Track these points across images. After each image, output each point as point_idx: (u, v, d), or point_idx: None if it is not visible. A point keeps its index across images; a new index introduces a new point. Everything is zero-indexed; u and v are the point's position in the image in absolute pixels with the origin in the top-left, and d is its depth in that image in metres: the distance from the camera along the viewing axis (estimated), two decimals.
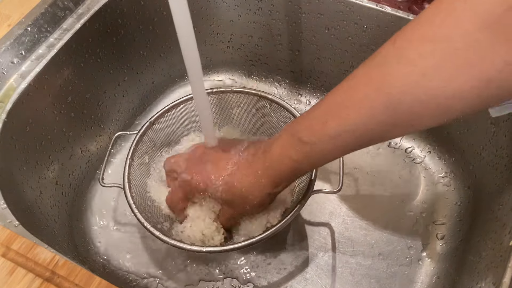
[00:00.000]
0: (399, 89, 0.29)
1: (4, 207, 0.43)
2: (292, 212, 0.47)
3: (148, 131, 0.55)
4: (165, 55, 0.68)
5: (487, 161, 0.54)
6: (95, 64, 0.59)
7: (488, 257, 0.44)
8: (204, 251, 0.46)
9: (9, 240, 0.39)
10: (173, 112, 0.56)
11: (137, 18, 0.61)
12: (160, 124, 0.56)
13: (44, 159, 0.54)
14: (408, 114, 0.30)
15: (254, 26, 0.66)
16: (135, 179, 0.53)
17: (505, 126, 0.51)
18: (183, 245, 0.46)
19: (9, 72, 0.51)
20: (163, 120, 0.56)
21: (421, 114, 0.30)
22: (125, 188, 0.50)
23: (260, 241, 0.46)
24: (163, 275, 0.55)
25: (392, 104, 0.30)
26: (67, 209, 0.58)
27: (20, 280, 0.36)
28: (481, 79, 0.27)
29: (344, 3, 0.56)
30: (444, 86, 0.28)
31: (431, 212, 0.58)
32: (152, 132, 0.56)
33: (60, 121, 0.56)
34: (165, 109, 0.56)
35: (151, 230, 0.47)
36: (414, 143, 0.64)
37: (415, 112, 0.30)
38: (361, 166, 0.63)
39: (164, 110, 0.56)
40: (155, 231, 0.47)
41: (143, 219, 0.47)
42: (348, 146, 0.35)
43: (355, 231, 0.57)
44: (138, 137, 0.54)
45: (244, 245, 0.46)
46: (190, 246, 0.46)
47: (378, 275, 0.54)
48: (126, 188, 0.50)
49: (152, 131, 0.56)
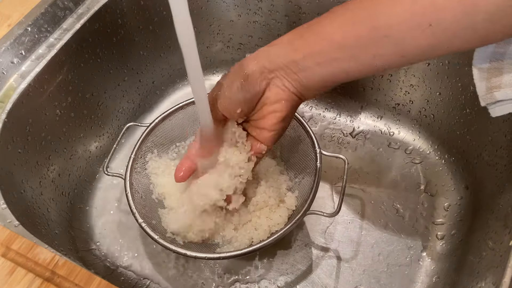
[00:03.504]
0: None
1: (4, 207, 0.43)
2: (283, 231, 0.46)
3: (159, 126, 0.55)
4: (165, 55, 0.68)
5: (487, 161, 0.54)
6: (95, 64, 0.59)
7: (488, 257, 0.44)
8: (206, 257, 0.45)
9: (9, 240, 0.39)
10: (186, 109, 0.56)
11: (137, 18, 0.61)
12: (171, 120, 0.56)
13: (44, 159, 0.54)
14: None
15: (254, 26, 0.66)
16: (139, 171, 0.53)
17: (505, 126, 0.51)
18: (179, 249, 0.45)
19: (9, 72, 0.51)
20: (176, 117, 0.56)
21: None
22: (125, 179, 0.50)
23: (261, 249, 0.45)
24: (163, 275, 0.55)
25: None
26: (67, 209, 0.58)
27: (20, 280, 0.36)
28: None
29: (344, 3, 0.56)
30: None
31: (431, 212, 0.58)
32: (162, 127, 0.56)
33: (60, 121, 0.56)
34: (179, 106, 0.56)
35: (143, 227, 0.47)
36: (414, 143, 0.64)
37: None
38: (361, 166, 0.63)
39: (178, 107, 0.56)
40: (147, 227, 0.47)
41: (138, 215, 0.47)
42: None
43: (355, 231, 0.57)
44: (148, 130, 0.54)
45: (243, 253, 0.45)
46: (186, 251, 0.45)
47: (378, 275, 0.54)
48: (126, 179, 0.50)
49: (163, 126, 0.56)
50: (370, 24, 0.33)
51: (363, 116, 0.67)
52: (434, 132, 0.63)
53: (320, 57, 0.36)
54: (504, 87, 0.37)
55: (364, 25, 0.33)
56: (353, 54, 0.35)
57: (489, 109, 0.38)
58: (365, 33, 0.33)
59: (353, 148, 0.64)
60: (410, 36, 0.31)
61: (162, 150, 0.56)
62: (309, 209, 0.47)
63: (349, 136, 0.66)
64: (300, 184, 0.53)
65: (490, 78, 0.37)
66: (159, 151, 0.56)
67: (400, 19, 0.31)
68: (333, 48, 0.35)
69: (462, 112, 0.58)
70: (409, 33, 0.31)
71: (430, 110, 0.62)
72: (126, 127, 0.56)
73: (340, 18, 0.35)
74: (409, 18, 0.31)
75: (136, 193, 0.51)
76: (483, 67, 0.37)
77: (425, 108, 0.63)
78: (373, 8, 0.33)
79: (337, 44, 0.35)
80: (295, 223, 0.46)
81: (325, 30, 0.36)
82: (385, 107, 0.66)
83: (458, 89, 0.58)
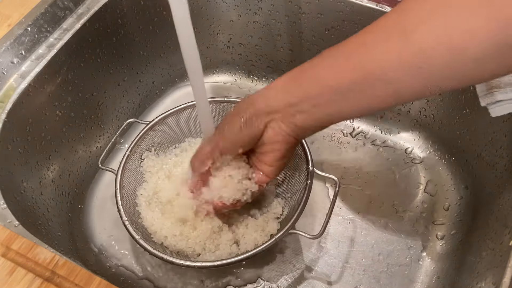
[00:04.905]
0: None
1: (4, 207, 0.43)
2: (258, 249, 0.45)
3: (158, 125, 0.55)
4: (165, 55, 0.68)
5: (487, 161, 0.54)
6: (95, 64, 0.59)
7: (488, 257, 0.44)
8: (196, 266, 0.45)
9: (9, 240, 0.39)
10: (188, 110, 0.56)
11: (137, 18, 0.61)
12: (172, 120, 0.56)
13: (44, 159, 0.54)
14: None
15: (254, 26, 0.66)
16: (133, 168, 0.53)
17: (505, 126, 0.51)
18: (156, 252, 0.45)
19: (9, 72, 0.51)
20: (177, 117, 0.56)
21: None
22: (117, 175, 0.50)
23: (254, 255, 0.45)
24: (162, 275, 0.55)
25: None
26: (67, 209, 0.58)
27: (20, 280, 0.36)
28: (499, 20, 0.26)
29: (344, 3, 0.56)
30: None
31: (431, 212, 0.58)
32: (161, 127, 0.55)
33: (60, 121, 0.56)
34: (182, 107, 0.55)
35: (126, 225, 0.47)
36: (414, 143, 0.64)
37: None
38: (361, 166, 0.63)
39: (180, 108, 0.55)
40: (131, 229, 0.47)
41: (123, 213, 0.48)
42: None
43: (355, 231, 0.57)
44: (146, 128, 0.54)
45: (240, 259, 0.45)
46: (164, 255, 0.45)
47: (378, 275, 0.54)
48: (118, 174, 0.50)
49: (162, 126, 0.55)
50: (364, 69, 0.33)
51: (363, 116, 0.67)
52: (434, 132, 0.63)
53: (316, 99, 0.37)
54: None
55: (358, 70, 0.34)
56: (349, 97, 0.35)
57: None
58: (359, 77, 0.34)
59: (353, 148, 0.64)
60: (403, 79, 0.32)
61: (160, 149, 0.56)
62: (292, 228, 0.46)
63: (349, 136, 0.66)
64: (292, 200, 0.52)
65: None
66: (156, 149, 0.56)
67: (392, 63, 0.32)
68: (329, 92, 0.36)
69: (462, 112, 0.58)
70: (401, 75, 0.32)
71: (430, 110, 0.62)
72: (126, 123, 0.56)
73: (333, 64, 0.36)
74: (399, 62, 0.31)
75: (126, 190, 0.50)
76: None
77: (425, 108, 0.63)
78: (365, 52, 0.33)
79: (332, 89, 0.35)
80: (275, 241, 0.45)
81: (319, 75, 0.36)
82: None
83: (458, 89, 0.58)
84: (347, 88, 0.35)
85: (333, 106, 0.37)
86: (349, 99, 0.35)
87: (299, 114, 0.38)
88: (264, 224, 0.50)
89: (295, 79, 0.39)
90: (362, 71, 0.33)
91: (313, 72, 0.37)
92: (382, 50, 0.32)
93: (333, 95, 0.36)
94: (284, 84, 0.39)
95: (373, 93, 0.34)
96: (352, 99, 0.35)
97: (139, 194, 0.52)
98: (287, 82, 0.39)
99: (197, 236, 0.48)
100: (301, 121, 0.39)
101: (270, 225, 0.50)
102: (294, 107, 0.38)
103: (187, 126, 0.57)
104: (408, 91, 0.33)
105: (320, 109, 0.37)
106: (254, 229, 0.50)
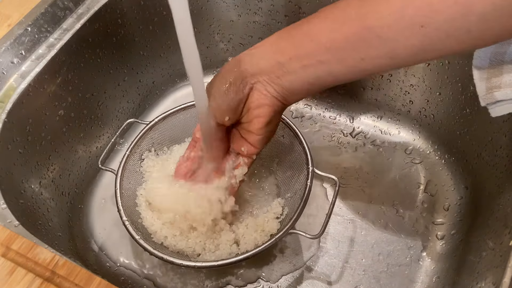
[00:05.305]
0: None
1: (4, 207, 0.43)
2: (259, 248, 0.45)
3: (158, 125, 0.55)
4: (165, 55, 0.68)
5: (487, 161, 0.54)
6: (95, 64, 0.59)
7: (488, 257, 0.44)
8: (196, 266, 0.45)
9: (9, 240, 0.39)
10: (188, 111, 0.56)
11: (137, 18, 0.61)
12: (172, 120, 0.56)
13: (44, 159, 0.54)
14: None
15: (254, 26, 0.66)
16: (133, 168, 0.53)
17: (505, 126, 0.51)
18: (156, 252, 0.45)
19: (9, 72, 0.51)
20: (177, 117, 0.56)
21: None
22: (117, 175, 0.50)
23: (253, 256, 0.45)
24: (162, 275, 0.55)
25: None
26: (67, 209, 0.58)
27: (20, 280, 0.36)
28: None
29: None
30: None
31: (431, 212, 0.58)
32: (161, 127, 0.56)
33: (60, 121, 0.56)
34: (181, 107, 0.55)
35: (126, 225, 0.47)
36: (414, 143, 0.64)
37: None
38: (361, 166, 0.63)
39: (180, 108, 0.55)
40: (131, 229, 0.47)
41: (125, 216, 0.48)
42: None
43: (355, 231, 0.57)
44: (146, 129, 0.54)
45: (240, 259, 0.45)
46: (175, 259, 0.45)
47: (378, 275, 0.54)
48: (118, 174, 0.50)
49: (162, 126, 0.55)
50: (360, 24, 0.32)
51: (363, 116, 0.67)
52: (434, 132, 0.63)
53: (306, 59, 0.35)
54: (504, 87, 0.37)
55: (354, 25, 0.32)
56: (341, 56, 0.34)
57: (489, 109, 0.38)
58: (354, 33, 0.32)
59: (353, 148, 0.64)
60: (401, 37, 0.31)
61: (160, 149, 0.56)
62: (292, 228, 0.46)
63: (349, 136, 0.66)
64: (292, 200, 0.52)
65: (490, 78, 0.37)
66: (156, 149, 0.56)
67: (391, 19, 0.30)
68: (320, 50, 0.35)
69: (462, 112, 0.58)
70: (400, 33, 0.31)
71: (430, 110, 0.63)
72: (126, 123, 0.56)
73: (329, 18, 0.34)
74: (401, 18, 0.30)
75: (126, 191, 0.51)
76: (483, 67, 0.37)
77: (425, 108, 0.63)
78: (363, 7, 0.32)
79: (324, 46, 0.34)
80: (275, 241, 0.45)
81: (313, 30, 0.35)
82: (385, 107, 0.66)
83: (458, 89, 0.58)
84: (339, 46, 0.33)
85: (322, 67, 0.35)
86: (341, 59, 0.34)
87: (287, 75, 0.37)
88: (264, 224, 0.50)
89: (287, 35, 0.37)
90: (359, 25, 0.32)
91: (307, 28, 0.36)
92: (383, 3, 0.31)
93: (324, 53, 0.34)
94: (275, 41, 0.38)
95: (367, 52, 0.33)
96: (344, 59, 0.34)
97: (139, 194, 0.52)
98: (278, 39, 0.38)
99: (197, 236, 0.48)
100: (288, 82, 0.37)
101: (270, 225, 0.50)
102: (282, 67, 0.37)
103: (187, 126, 0.57)
104: (405, 52, 0.32)
105: (309, 69, 0.36)
106: (254, 229, 0.50)
